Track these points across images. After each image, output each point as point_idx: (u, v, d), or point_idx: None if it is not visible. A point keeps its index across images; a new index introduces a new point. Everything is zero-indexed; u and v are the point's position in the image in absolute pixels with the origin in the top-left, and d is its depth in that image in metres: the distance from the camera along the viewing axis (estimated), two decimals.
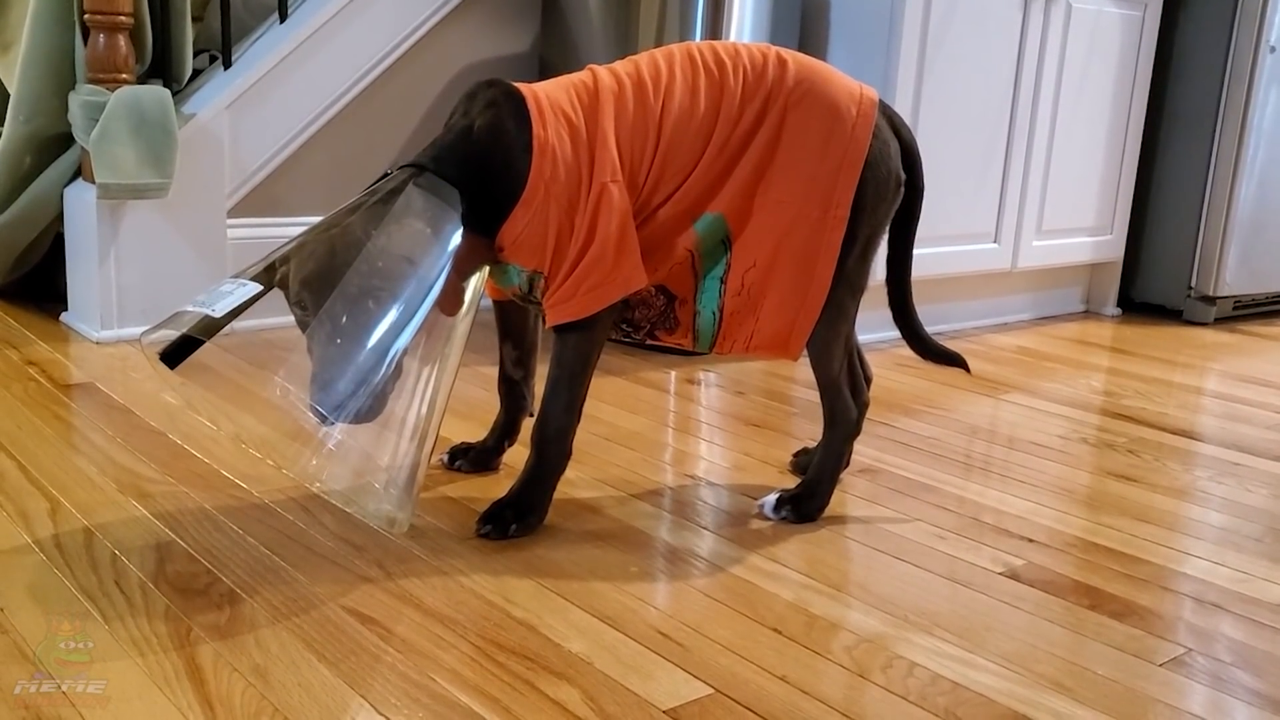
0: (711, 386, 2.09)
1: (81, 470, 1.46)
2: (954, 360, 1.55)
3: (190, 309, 1.16)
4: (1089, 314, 3.02)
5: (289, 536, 1.30)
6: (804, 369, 2.25)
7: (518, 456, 1.53)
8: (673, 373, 2.15)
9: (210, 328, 1.18)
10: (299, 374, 1.15)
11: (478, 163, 1.29)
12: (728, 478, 1.59)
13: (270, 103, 2.21)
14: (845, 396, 1.45)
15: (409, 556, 1.26)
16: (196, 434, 1.62)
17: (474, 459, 1.55)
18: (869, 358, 1.56)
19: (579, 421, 1.38)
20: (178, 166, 2.05)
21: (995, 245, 2.60)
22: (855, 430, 1.47)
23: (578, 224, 1.30)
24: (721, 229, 1.39)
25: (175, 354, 1.24)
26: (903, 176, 1.43)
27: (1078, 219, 2.80)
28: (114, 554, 1.22)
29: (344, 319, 1.14)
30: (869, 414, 1.57)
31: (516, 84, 1.33)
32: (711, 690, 1.02)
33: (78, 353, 2.03)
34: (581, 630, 1.12)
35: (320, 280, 1.18)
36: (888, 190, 1.40)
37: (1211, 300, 2.93)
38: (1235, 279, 2.92)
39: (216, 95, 2.15)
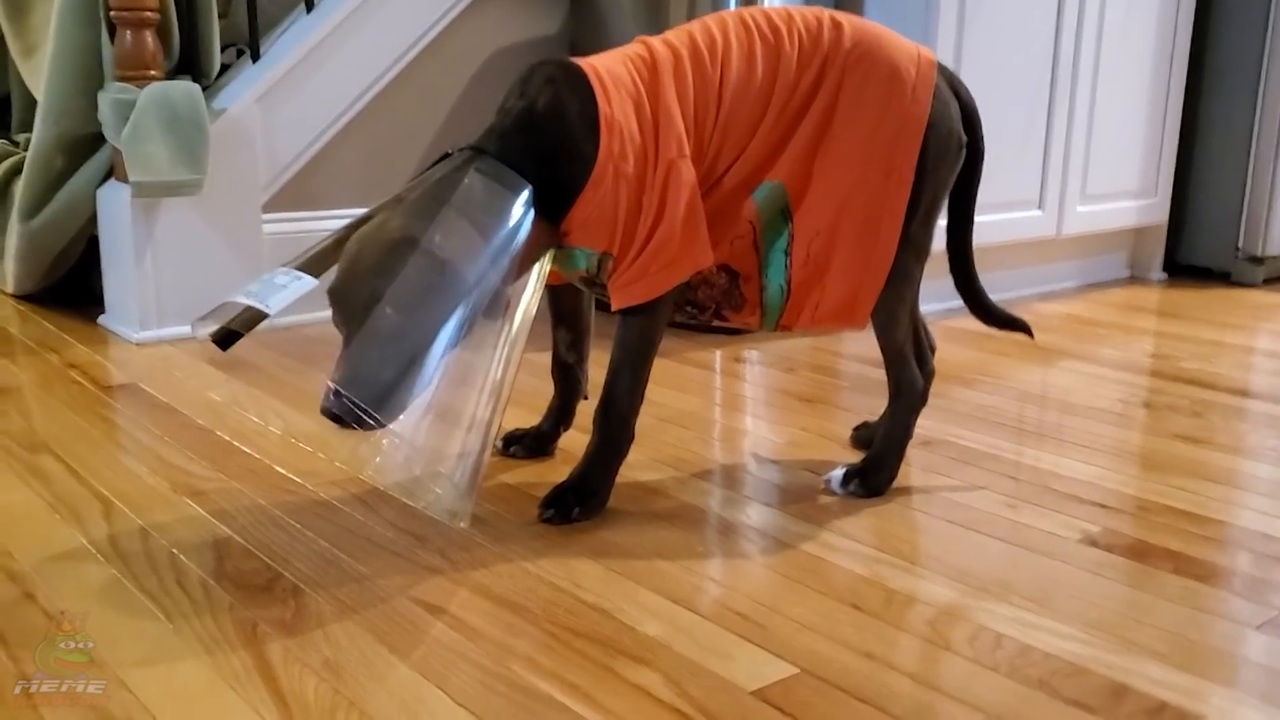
0: (758, 365, 2.05)
1: (132, 470, 1.44)
2: (1019, 326, 1.51)
3: (241, 299, 1.13)
4: (1134, 279, 2.97)
5: (349, 530, 1.27)
6: (851, 343, 2.22)
7: (572, 442, 1.50)
8: (718, 352, 2.11)
9: (255, 321, 1.15)
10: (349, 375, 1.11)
11: (542, 144, 1.25)
12: (786, 454, 1.55)
13: (301, 95, 2.19)
14: (911, 366, 1.41)
15: (473, 545, 1.23)
16: (245, 430, 1.60)
17: (529, 445, 1.52)
18: (940, 330, 1.52)
19: (641, 404, 1.34)
20: (210, 162, 2.02)
21: (1039, 212, 2.56)
22: (922, 401, 1.43)
23: (646, 202, 1.27)
24: (780, 198, 1.35)
25: (224, 341, 1.22)
26: (964, 138, 1.39)
27: (1122, 182, 2.75)
28: (172, 553, 1.19)
29: (383, 319, 1.10)
30: (958, 395, 1.53)
31: (574, 60, 1.29)
32: (796, 670, 0.99)
33: (118, 354, 2.01)
34: (654, 613, 1.09)
35: (353, 281, 1.14)
36: (949, 151, 1.36)
37: (1259, 260, 2.87)
38: None
39: (246, 89, 2.13)
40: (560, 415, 1.52)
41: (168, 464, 1.46)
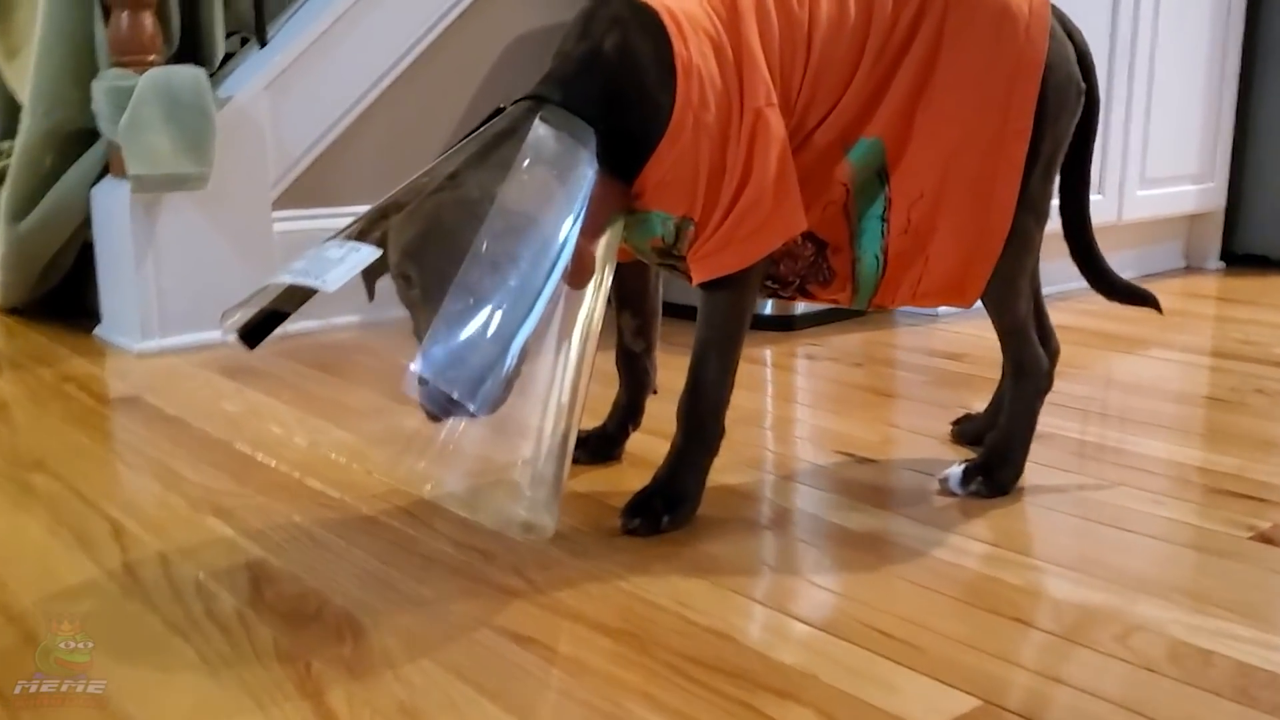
0: (823, 359, 1.87)
1: (143, 488, 1.25)
2: (1146, 300, 1.33)
3: (285, 279, 0.95)
4: (1190, 269, 2.81)
5: (402, 547, 1.09)
6: (911, 335, 2.05)
7: (641, 445, 1.32)
8: (768, 350, 1.93)
9: (299, 298, 0.97)
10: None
11: (611, 91, 1.08)
12: (882, 452, 1.37)
13: (312, 82, 2.01)
14: (1034, 343, 1.24)
15: (551, 562, 1.05)
16: (267, 442, 1.41)
17: (594, 448, 1.34)
18: (971, 322, 1.33)
19: (731, 393, 1.16)
20: (216, 155, 1.84)
21: (1100, 196, 2.39)
22: (1047, 383, 1.25)
23: (731, 158, 1.09)
24: (878, 157, 1.18)
25: (257, 330, 1.04)
26: (1083, 84, 1.22)
27: (1180, 166, 2.59)
28: (199, 580, 1.01)
29: (471, 293, 0.93)
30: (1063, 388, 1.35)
31: None
32: (978, 701, 0.81)
33: (118, 366, 1.83)
34: (784, 635, 0.91)
35: (432, 247, 0.97)
36: (1069, 98, 1.20)
37: None
38: None
39: (253, 75, 1.95)
40: (628, 413, 1.34)
41: (183, 480, 1.28)
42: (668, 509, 1.12)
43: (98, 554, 1.07)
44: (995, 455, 1.24)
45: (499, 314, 0.93)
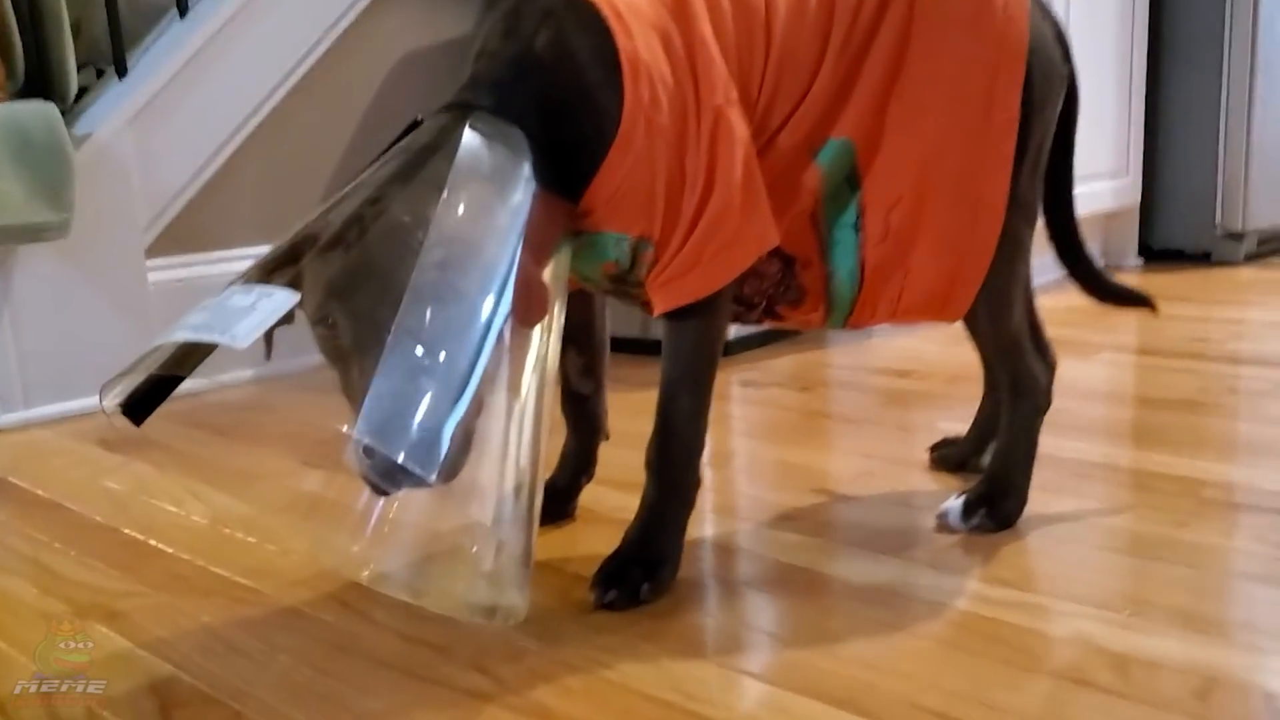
0: (766, 386, 1.73)
1: (13, 593, 1.05)
2: (1140, 300, 1.23)
3: (181, 336, 0.77)
4: (1109, 267, 2.75)
5: (338, 647, 0.91)
6: (847, 353, 1.93)
7: (596, 496, 1.17)
8: None
9: (194, 359, 0.80)
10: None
11: (548, 96, 0.93)
12: (861, 486, 1.24)
13: (181, 114, 1.81)
14: (1031, 358, 1.12)
15: (518, 652, 0.89)
16: (161, 524, 1.22)
17: (544, 506, 1.17)
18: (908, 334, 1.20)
19: (706, 435, 1.02)
20: (77, 199, 1.63)
21: None
22: (1047, 402, 1.13)
23: (690, 166, 0.95)
24: (848, 160, 1.05)
25: (144, 401, 0.86)
26: (1065, 68, 1.11)
27: (1095, 163, 2.53)
28: (92, 712, 0.82)
29: (414, 338, 0.77)
30: (979, 394, 1.24)
31: None
32: None
33: None
34: None
35: (362, 285, 0.80)
36: (1054, 84, 1.09)
37: (1239, 237, 2.68)
38: (1263, 210, 2.67)
39: (114, 110, 1.74)
40: (580, 463, 1.19)
41: (62, 578, 1.08)
42: (647, 575, 0.97)
43: None
44: (996, 485, 1.11)
45: (449, 362, 0.77)
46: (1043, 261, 1.22)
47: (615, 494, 1.21)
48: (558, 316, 0.95)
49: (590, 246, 0.98)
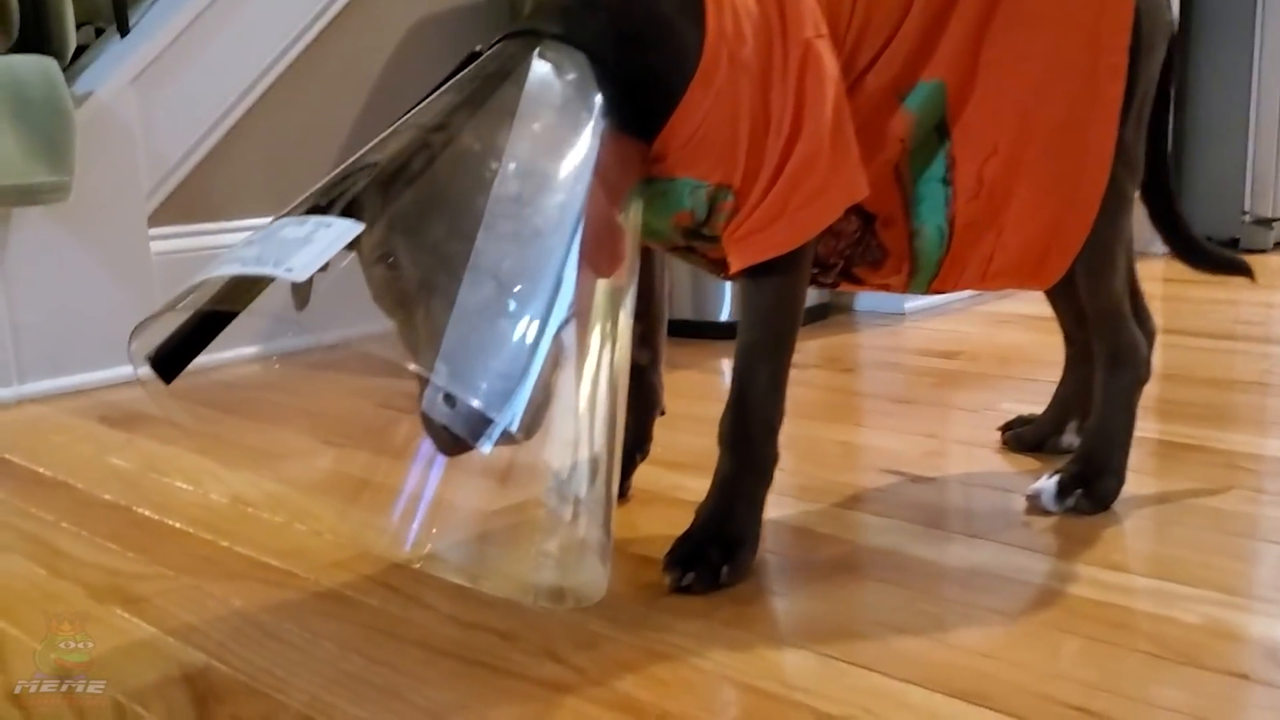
0: (808, 367, 1.65)
1: (20, 575, 0.95)
2: (1240, 268, 1.14)
3: (229, 270, 0.68)
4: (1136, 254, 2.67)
5: (390, 634, 0.82)
6: (892, 336, 1.85)
7: (649, 477, 1.09)
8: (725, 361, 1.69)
9: (238, 299, 0.71)
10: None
11: (622, 23, 0.84)
12: (934, 468, 1.15)
13: (185, 76, 1.71)
14: (1132, 326, 1.04)
15: (592, 639, 0.80)
16: (176, 503, 1.12)
17: None
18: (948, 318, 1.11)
19: (784, 405, 0.93)
20: (78, 160, 1.53)
21: None
22: (1147, 373, 1.05)
23: (776, 105, 0.86)
24: (939, 105, 0.96)
25: (174, 356, 0.77)
26: (1168, 14, 1.02)
27: None
28: (118, 703, 0.72)
29: (494, 277, 0.68)
30: (1035, 375, 1.16)
31: None
32: None
33: None
34: (935, 716, 0.67)
35: (431, 217, 0.71)
36: (1161, 27, 1.01)
37: (1268, 223, 2.61)
38: None
39: (115, 68, 1.64)
40: (634, 439, 1.10)
41: (73, 559, 0.98)
42: (725, 557, 0.88)
43: None
44: (1092, 463, 1.02)
45: (528, 307, 0.68)
46: None
47: (670, 474, 1.12)
48: (632, 270, 0.86)
49: (662, 195, 0.89)
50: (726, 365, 1.66)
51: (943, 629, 0.80)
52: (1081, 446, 1.05)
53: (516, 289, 0.68)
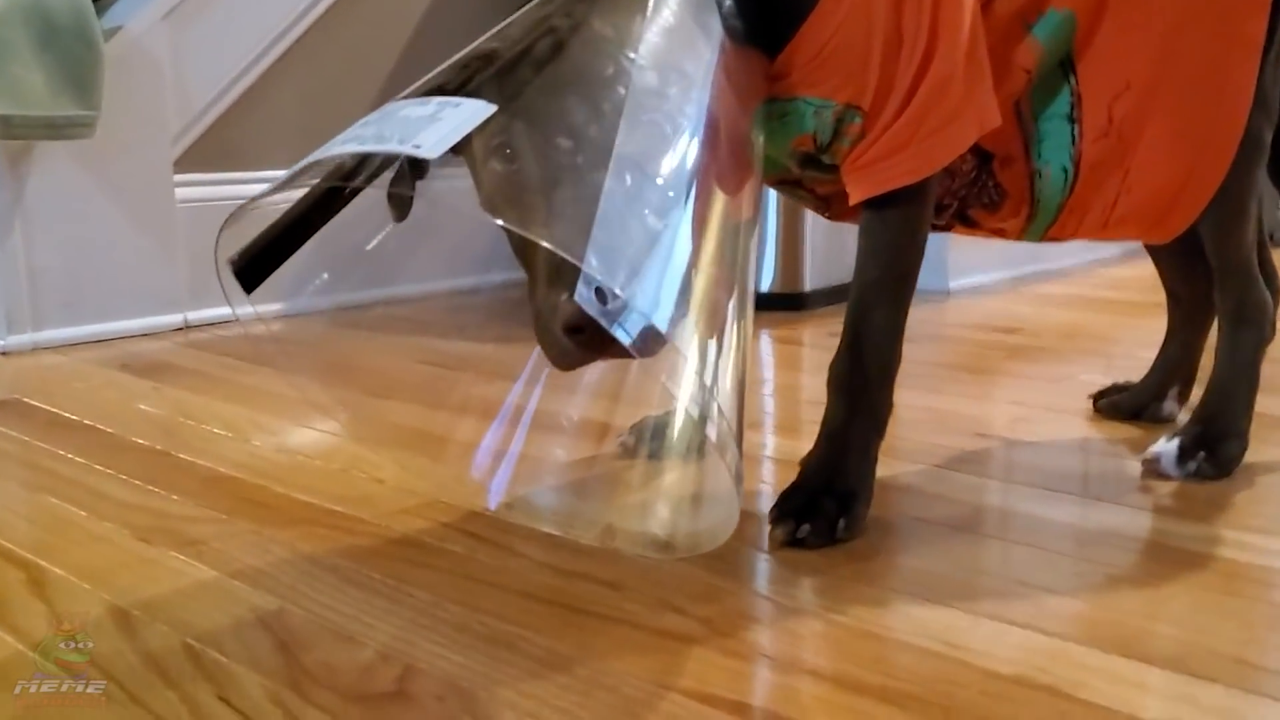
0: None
1: (60, 517, 0.87)
2: None
3: (346, 149, 0.60)
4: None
5: (482, 581, 0.74)
6: (940, 311, 1.77)
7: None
8: (765, 332, 1.63)
9: (381, 169, 0.63)
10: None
11: None
12: (1028, 433, 1.09)
13: (221, 13, 1.62)
14: (1260, 283, 0.97)
15: (712, 592, 0.72)
16: (218, 449, 1.04)
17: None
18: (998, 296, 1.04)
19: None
20: (105, 96, 1.44)
21: None
22: (1273, 332, 0.98)
23: (910, 23, 0.79)
24: (1067, 36, 0.90)
25: (256, 264, 0.70)
26: None
27: None
28: (191, 648, 0.64)
29: (640, 169, 0.60)
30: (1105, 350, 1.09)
31: None
32: None
33: None
34: (1143, 686, 0.60)
35: (566, 101, 0.64)
36: None
37: None
38: None
39: (148, 2, 1.55)
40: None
41: (118, 503, 0.90)
42: (842, 509, 0.80)
43: (13, 618, 0.69)
44: (1214, 426, 0.96)
45: (673, 207, 0.61)
46: None
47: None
48: (759, 199, 0.79)
49: (781, 118, 0.82)
50: (765, 334, 1.59)
51: (1095, 589, 0.73)
52: (1201, 409, 0.98)
53: (664, 186, 0.61)
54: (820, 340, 1.55)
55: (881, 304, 0.84)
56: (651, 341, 0.57)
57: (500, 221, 0.60)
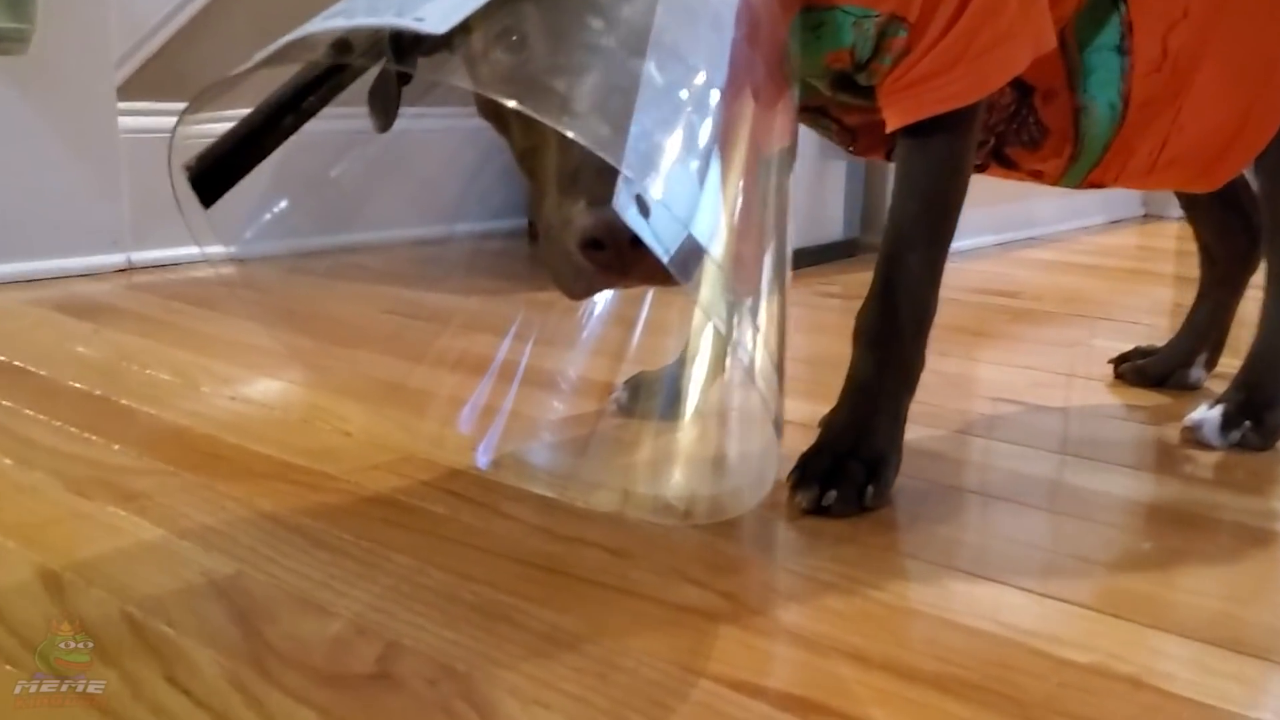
0: (853, 299, 1.48)
1: None
2: None
3: (334, 24, 0.50)
4: (1149, 217, 2.56)
5: (471, 545, 0.65)
6: None
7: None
8: None
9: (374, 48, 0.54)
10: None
11: None
12: (1047, 399, 1.01)
13: None
14: None
15: (733, 563, 0.64)
16: (164, 395, 0.94)
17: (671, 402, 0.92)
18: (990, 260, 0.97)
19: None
20: (41, 9, 1.32)
21: None
22: None
23: None
24: None
25: (215, 173, 0.60)
26: None
27: None
28: (131, 617, 0.54)
29: (680, 60, 0.51)
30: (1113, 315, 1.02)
31: None
32: None
33: None
34: (1210, 671, 0.52)
35: None
36: None
37: None
38: None
39: None
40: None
41: (47, 449, 0.80)
42: (870, 474, 0.72)
43: None
44: (1259, 392, 0.88)
45: (715, 111, 0.52)
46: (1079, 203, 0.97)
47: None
48: (794, 114, 0.70)
49: (816, 28, 0.73)
50: None
51: (1160, 568, 0.65)
52: (1245, 374, 0.90)
53: (706, 83, 0.51)
54: (808, 299, 1.46)
55: (919, 245, 0.75)
56: (691, 261, 0.48)
57: (514, 103, 0.50)
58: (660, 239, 0.46)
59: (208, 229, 0.70)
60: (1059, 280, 1.69)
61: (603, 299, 0.80)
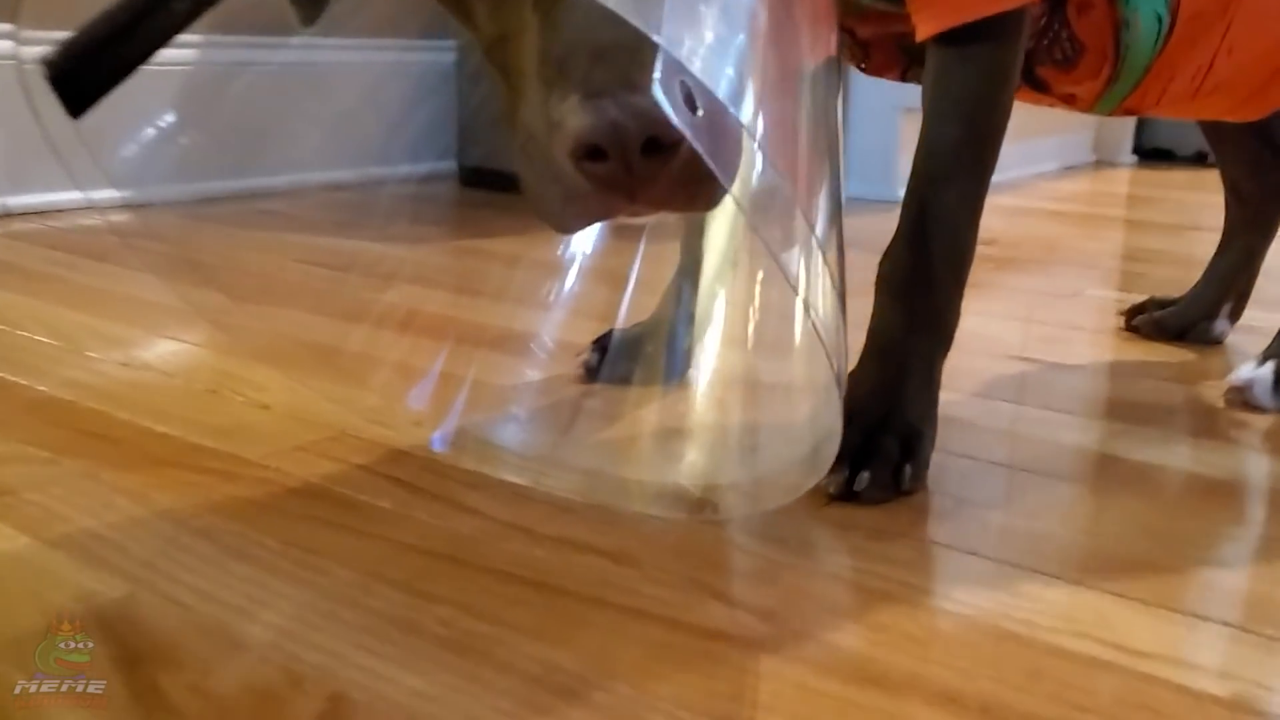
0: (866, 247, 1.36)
1: None
2: None
3: None
4: (1100, 163, 2.48)
5: (430, 553, 0.52)
6: (889, 221, 1.55)
7: None
8: None
9: None
10: None
11: None
12: (1064, 356, 0.90)
13: None
14: None
15: (765, 570, 0.52)
16: (43, 363, 0.78)
17: (647, 365, 0.79)
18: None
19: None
20: None
21: None
22: None
23: None
24: None
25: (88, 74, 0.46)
26: None
27: None
28: None
29: None
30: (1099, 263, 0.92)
31: None
32: None
33: None
34: None
35: None
36: None
37: None
38: None
39: None
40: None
41: None
42: (905, 453, 0.59)
43: None
44: None
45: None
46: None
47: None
48: (834, 18, 0.56)
49: None
50: None
51: (1268, 562, 0.53)
52: None
53: None
54: None
55: (958, 175, 0.63)
56: (731, 154, 0.35)
57: None
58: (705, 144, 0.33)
59: (84, 158, 0.55)
60: (1029, 227, 1.59)
61: (581, 247, 0.66)
